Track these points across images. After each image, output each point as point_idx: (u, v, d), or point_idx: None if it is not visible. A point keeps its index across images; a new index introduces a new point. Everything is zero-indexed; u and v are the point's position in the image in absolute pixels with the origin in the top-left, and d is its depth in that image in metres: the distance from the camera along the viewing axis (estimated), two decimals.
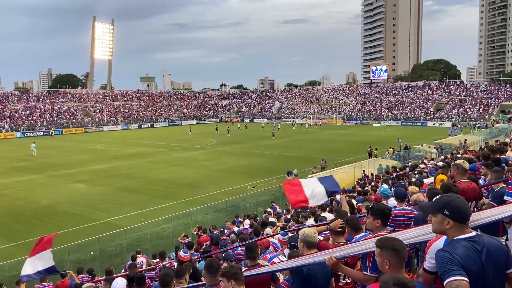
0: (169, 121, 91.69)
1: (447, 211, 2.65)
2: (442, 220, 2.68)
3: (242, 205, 21.43)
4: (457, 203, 2.66)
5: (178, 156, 40.67)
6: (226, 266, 3.57)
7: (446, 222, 2.66)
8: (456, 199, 2.70)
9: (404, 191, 6.37)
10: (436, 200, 2.80)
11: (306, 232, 4.09)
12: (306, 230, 4.17)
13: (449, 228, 2.66)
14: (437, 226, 2.76)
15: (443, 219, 2.68)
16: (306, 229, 4.24)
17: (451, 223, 2.65)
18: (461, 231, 2.64)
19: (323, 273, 3.85)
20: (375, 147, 34.98)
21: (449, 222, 2.65)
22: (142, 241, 17.18)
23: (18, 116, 75.31)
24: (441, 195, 2.84)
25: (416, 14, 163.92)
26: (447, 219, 2.66)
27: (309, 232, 4.10)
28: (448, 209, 2.65)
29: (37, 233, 18.30)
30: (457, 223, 2.64)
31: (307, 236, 4.03)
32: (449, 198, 2.73)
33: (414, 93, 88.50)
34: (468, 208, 2.73)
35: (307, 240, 4.01)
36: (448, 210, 2.65)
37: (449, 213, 2.64)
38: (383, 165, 27.51)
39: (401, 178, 14.95)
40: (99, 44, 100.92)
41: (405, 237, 3.24)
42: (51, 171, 33.25)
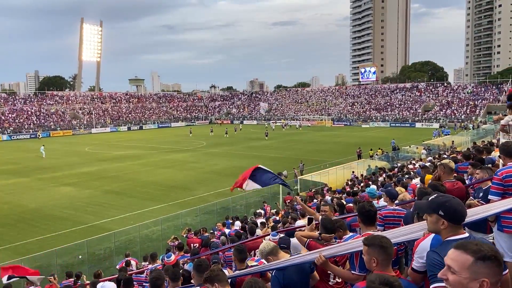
0: (159, 123, 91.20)
1: (442, 211, 2.65)
2: (437, 220, 2.69)
3: (232, 207, 21.40)
4: (452, 204, 2.67)
5: (168, 158, 40.46)
6: (206, 272, 3.62)
7: (441, 222, 2.66)
8: (452, 200, 2.70)
9: (395, 191, 6.42)
10: (432, 200, 2.80)
11: (261, 248, 4.23)
12: (260, 247, 4.30)
13: (444, 229, 2.67)
14: (432, 226, 2.77)
15: (438, 219, 2.68)
16: (261, 245, 4.36)
17: (445, 223, 2.65)
18: (455, 232, 2.65)
19: (299, 276, 3.85)
20: (371, 148, 35.52)
21: (443, 223, 2.66)
22: (131, 244, 17.05)
23: (5, 119, 74.19)
24: (437, 195, 2.85)
25: (403, 16, 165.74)
26: (442, 220, 2.66)
27: (262, 247, 4.21)
28: (444, 210, 2.65)
29: (24, 237, 18.09)
30: (451, 223, 2.65)
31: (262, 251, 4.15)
32: (444, 199, 2.73)
33: (402, 94, 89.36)
34: (463, 209, 2.74)
35: (266, 252, 4.09)
36: (443, 211, 2.65)
37: (444, 214, 2.65)
38: (372, 166, 27.74)
39: (392, 178, 15.05)
40: (87, 45, 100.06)
41: (393, 236, 3.26)
42: (38, 174, 32.80)
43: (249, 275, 4.21)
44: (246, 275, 4.19)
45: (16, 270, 9.36)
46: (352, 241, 3.72)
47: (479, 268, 1.87)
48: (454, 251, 1.98)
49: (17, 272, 9.24)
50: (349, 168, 27.12)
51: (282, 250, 5.05)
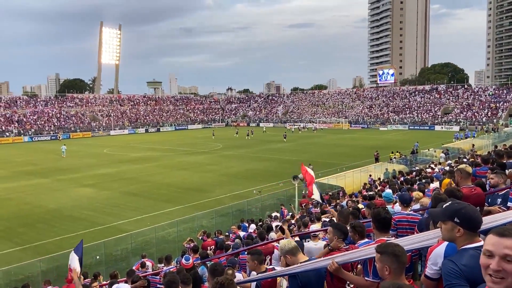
0: (176, 125, 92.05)
1: (458, 218, 2.60)
2: (452, 228, 2.63)
3: (247, 209, 21.40)
4: (468, 211, 2.61)
5: (184, 160, 40.77)
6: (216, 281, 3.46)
7: (457, 230, 2.61)
8: (467, 207, 2.64)
9: (409, 196, 6.32)
10: (446, 207, 2.74)
11: (281, 244, 4.14)
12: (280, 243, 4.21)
13: (459, 236, 2.61)
14: (446, 234, 2.71)
15: (454, 227, 2.62)
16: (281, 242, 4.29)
17: (461, 231, 2.59)
18: (471, 240, 2.58)
19: (316, 278, 3.80)
20: (391, 151, 35.20)
21: (459, 230, 2.60)
22: (148, 245, 17.20)
23: (26, 120, 76.04)
24: (452, 202, 2.79)
25: (423, 17, 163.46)
26: (458, 227, 2.60)
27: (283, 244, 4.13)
28: (459, 217, 2.60)
29: (44, 237, 18.45)
30: (467, 231, 2.59)
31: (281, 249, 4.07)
32: (460, 206, 2.67)
33: (421, 97, 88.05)
34: (479, 216, 2.68)
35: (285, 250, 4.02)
36: (459, 218, 2.59)
37: (459, 221, 2.59)
38: (390, 170, 27.36)
39: (409, 183, 14.81)
40: (106, 49, 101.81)
41: (407, 243, 3.20)
42: (58, 175, 33.45)
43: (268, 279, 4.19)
44: (265, 279, 4.17)
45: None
46: (366, 247, 3.66)
47: None
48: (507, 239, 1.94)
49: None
50: (366, 171, 26.82)
51: None
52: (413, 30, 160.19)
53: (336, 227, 4.54)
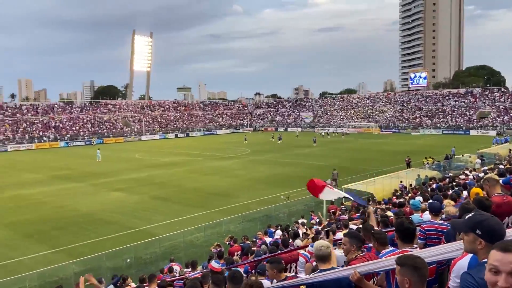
0: (204, 130, 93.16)
1: (480, 230, 2.53)
2: (474, 240, 2.57)
3: (275, 215, 21.33)
4: (490, 223, 2.54)
5: (212, 165, 41.14)
6: (247, 284, 3.52)
7: (478, 242, 2.55)
8: (490, 219, 2.57)
9: (439, 205, 6.11)
10: (469, 218, 2.68)
11: (315, 245, 4.00)
12: (315, 243, 4.07)
13: (481, 249, 2.54)
14: (468, 246, 2.65)
15: (475, 239, 2.56)
16: (316, 242, 4.14)
17: (483, 243, 2.53)
18: None
19: None
20: (425, 156, 34.35)
21: (481, 242, 2.54)
22: (176, 249, 17.41)
23: (62, 126, 78.92)
24: (475, 213, 2.71)
25: (457, 19, 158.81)
26: (479, 239, 2.54)
27: (316, 245, 4.00)
28: (481, 229, 2.53)
29: (77, 240, 19.01)
30: (489, 244, 2.50)
31: (315, 250, 3.95)
32: (482, 217, 2.61)
33: (455, 100, 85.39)
34: (502, 229, 2.60)
35: (316, 253, 3.91)
36: (481, 230, 2.53)
37: (481, 233, 2.53)
38: (422, 176, 26.60)
39: (442, 190, 14.36)
40: (138, 56, 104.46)
41: (431, 254, 3.09)
42: (91, 179, 34.46)
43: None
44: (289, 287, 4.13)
45: None
46: (389, 257, 3.56)
47: None
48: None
49: None
50: (397, 177, 26.18)
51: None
52: (446, 32, 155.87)
53: (351, 236, 4.42)
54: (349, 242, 4.33)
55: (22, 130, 73.34)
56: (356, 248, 4.32)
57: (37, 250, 17.83)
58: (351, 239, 4.38)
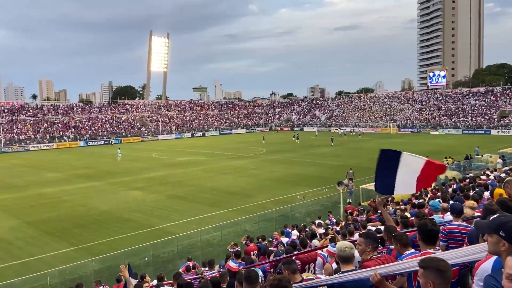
0: (220, 130, 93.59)
1: (503, 232, 2.51)
2: (497, 242, 2.55)
3: (291, 215, 21.29)
4: None
5: (228, 164, 41.31)
6: (274, 279, 3.49)
7: (502, 244, 2.52)
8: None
9: (461, 206, 6.01)
10: (493, 219, 2.67)
11: (338, 246, 3.97)
12: (339, 244, 4.04)
13: (504, 251, 2.51)
14: (492, 247, 2.63)
15: (499, 241, 2.54)
16: (339, 242, 4.10)
17: (506, 245, 2.50)
18: None
19: None
20: (446, 156, 33.89)
21: (504, 244, 2.51)
22: (193, 248, 17.54)
23: (82, 126, 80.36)
24: (499, 215, 2.68)
25: (476, 16, 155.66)
26: (503, 241, 2.52)
27: (340, 245, 3.97)
28: (504, 231, 2.51)
29: (97, 237, 19.35)
30: None
31: (338, 250, 3.92)
32: (506, 219, 2.59)
33: (475, 99, 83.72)
34: None
35: (340, 254, 3.89)
36: (504, 232, 2.51)
37: (505, 235, 2.51)
38: (441, 176, 26.15)
39: (463, 190, 14.09)
40: (155, 57, 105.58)
41: (454, 256, 3.06)
42: (110, 178, 35.02)
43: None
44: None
45: None
46: (411, 259, 3.53)
47: None
48: None
49: None
50: None
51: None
52: (466, 30, 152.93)
53: (366, 236, 4.38)
54: (364, 242, 4.29)
55: (43, 130, 74.96)
56: (372, 249, 4.28)
57: (58, 247, 18.21)
58: (366, 239, 4.33)
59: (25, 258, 17.08)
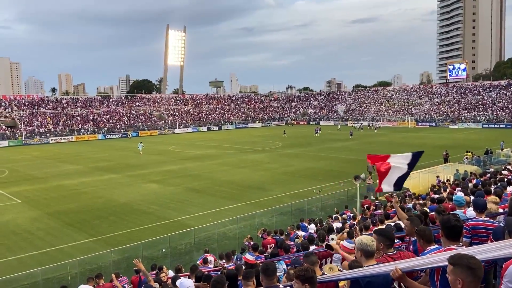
0: (236, 123, 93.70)
1: None
2: None
3: (307, 208, 21.23)
4: None
5: (244, 158, 41.37)
6: (301, 269, 3.49)
7: None
8: None
9: (484, 201, 5.88)
10: None
11: (363, 240, 3.88)
12: (363, 238, 3.96)
13: None
14: None
15: None
16: (363, 237, 4.02)
17: None
18: None
19: (384, 285, 3.63)
20: (468, 150, 33.34)
21: None
22: (210, 240, 17.66)
23: (100, 119, 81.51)
24: None
25: (498, 8, 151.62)
26: None
27: (366, 240, 3.89)
28: None
29: (115, 229, 19.67)
30: None
31: (364, 245, 3.83)
32: None
33: (496, 93, 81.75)
34: None
35: (365, 249, 3.82)
36: None
37: None
38: (461, 171, 25.71)
39: (485, 185, 13.81)
40: (172, 50, 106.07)
41: (479, 251, 2.97)
42: (128, 171, 35.48)
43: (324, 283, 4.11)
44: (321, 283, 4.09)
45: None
46: (433, 255, 3.46)
47: None
48: None
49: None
50: (434, 172, 25.41)
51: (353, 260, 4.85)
52: (487, 22, 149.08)
53: (380, 233, 4.27)
54: (377, 239, 4.19)
55: (63, 123, 76.32)
56: (385, 247, 4.17)
57: (77, 238, 18.58)
58: (379, 236, 4.23)
59: (46, 248, 17.48)
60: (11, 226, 20.71)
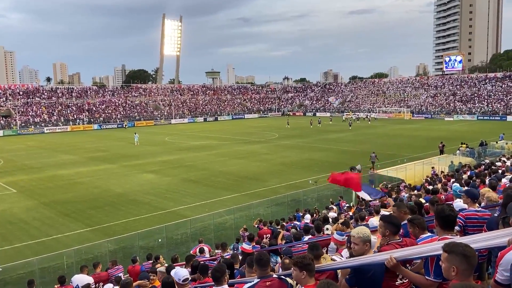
0: (233, 114, 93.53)
1: None
2: None
3: (303, 199, 21.33)
4: None
5: (241, 149, 41.38)
6: (299, 256, 3.55)
7: None
8: None
9: (477, 192, 5.94)
10: None
11: (367, 232, 3.86)
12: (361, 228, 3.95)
13: None
14: None
15: None
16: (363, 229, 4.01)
17: None
18: None
19: (381, 277, 3.66)
20: (462, 142, 33.34)
21: None
22: (206, 231, 17.73)
23: (96, 109, 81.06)
24: None
25: (495, 0, 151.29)
26: None
27: (365, 231, 3.89)
28: None
29: (111, 219, 19.69)
30: None
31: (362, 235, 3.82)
32: None
33: (492, 85, 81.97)
34: None
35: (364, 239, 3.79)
36: None
37: None
38: (455, 162, 25.87)
39: (479, 176, 13.90)
40: (168, 40, 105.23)
41: (473, 240, 3.01)
42: (124, 161, 35.41)
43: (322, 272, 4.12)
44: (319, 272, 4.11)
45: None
46: (427, 244, 3.50)
47: None
48: None
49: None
50: (429, 163, 25.56)
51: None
52: (484, 14, 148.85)
53: (386, 221, 4.22)
54: (383, 226, 4.18)
55: (58, 113, 75.85)
56: (390, 233, 4.18)
57: (73, 228, 18.60)
58: (385, 223, 4.21)
59: (42, 237, 17.50)
60: (6, 215, 20.67)
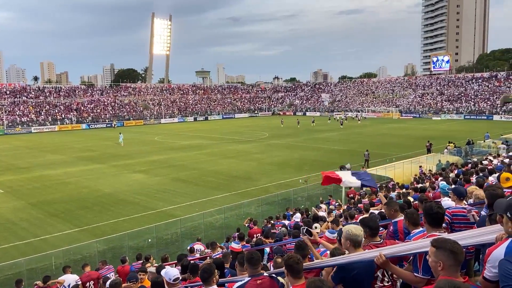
0: (223, 114, 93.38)
1: (510, 213, 2.52)
2: (507, 222, 2.58)
3: (293, 198, 21.43)
4: None
5: (231, 148, 41.35)
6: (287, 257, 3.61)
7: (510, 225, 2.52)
8: None
9: (464, 189, 6.04)
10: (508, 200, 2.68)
11: (353, 230, 3.90)
12: (352, 227, 3.99)
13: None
14: (505, 227, 2.65)
15: (507, 221, 2.58)
16: (352, 226, 4.05)
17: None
18: None
19: (368, 277, 3.70)
20: (450, 141, 33.69)
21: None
22: (197, 230, 17.71)
23: (84, 109, 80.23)
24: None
25: (482, 1, 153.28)
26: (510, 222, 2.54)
27: (355, 230, 3.92)
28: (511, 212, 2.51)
29: (100, 219, 19.53)
30: None
31: (354, 235, 3.85)
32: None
33: (479, 85, 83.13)
34: None
35: (354, 239, 3.84)
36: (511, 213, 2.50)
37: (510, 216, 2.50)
38: (443, 161, 26.19)
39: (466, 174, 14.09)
40: (157, 39, 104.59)
41: (461, 237, 3.07)
42: (113, 161, 35.13)
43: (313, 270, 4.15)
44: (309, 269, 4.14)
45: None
46: (416, 241, 3.55)
47: None
48: None
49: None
50: (417, 162, 25.85)
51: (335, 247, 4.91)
52: (471, 15, 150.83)
53: (363, 224, 4.27)
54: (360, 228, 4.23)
55: (45, 112, 74.91)
56: (368, 235, 4.19)
57: (61, 228, 18.41)
58: (362, 226, 4.23)
59: (30, 238, 17.29)
60: None
